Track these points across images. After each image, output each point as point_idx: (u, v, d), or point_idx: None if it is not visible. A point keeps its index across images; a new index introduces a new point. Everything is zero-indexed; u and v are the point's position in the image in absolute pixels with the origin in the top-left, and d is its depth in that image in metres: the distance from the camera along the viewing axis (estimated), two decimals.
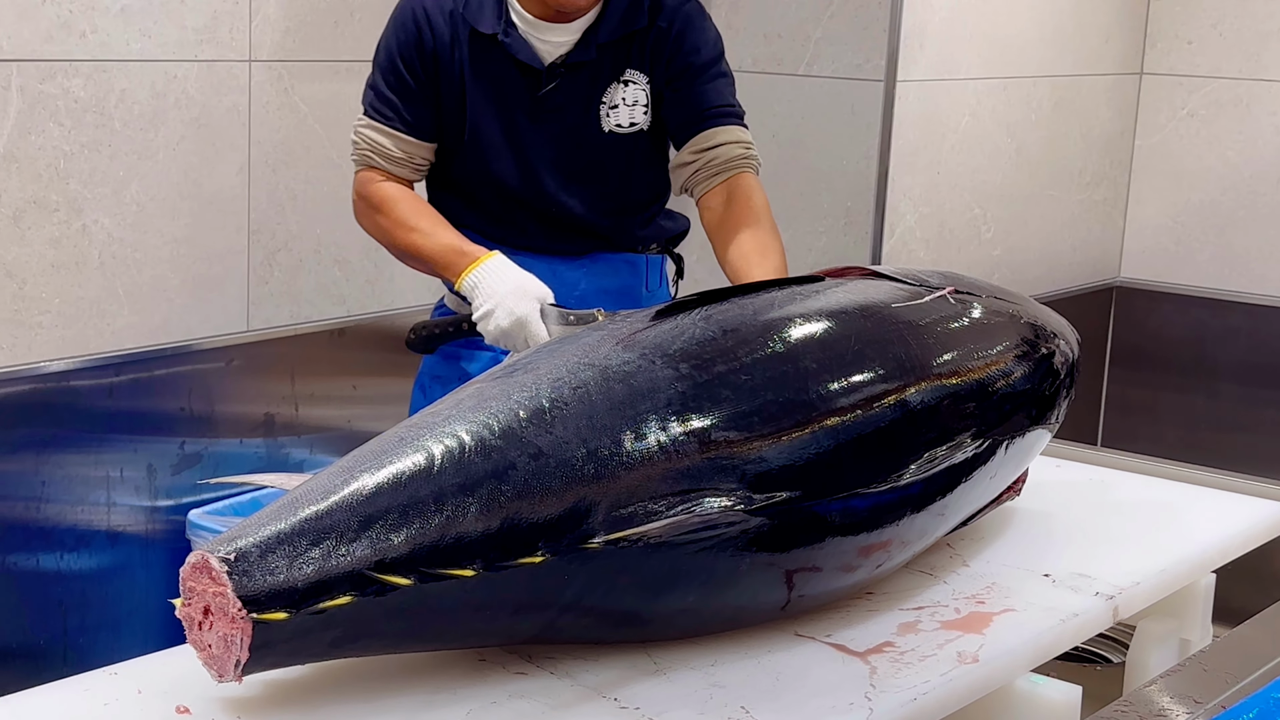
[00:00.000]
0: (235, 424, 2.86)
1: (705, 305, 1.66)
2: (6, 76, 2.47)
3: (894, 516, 1.65)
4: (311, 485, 1.42)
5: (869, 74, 3.18)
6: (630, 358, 1.54)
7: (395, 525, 1.38)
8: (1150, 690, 1.54)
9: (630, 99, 2.24)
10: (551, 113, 2.23)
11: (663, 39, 2.23)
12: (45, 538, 2.60)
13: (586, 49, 2.21)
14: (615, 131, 2.25)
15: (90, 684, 1.47)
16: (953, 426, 1.71)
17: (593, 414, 1.48)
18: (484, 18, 2.20)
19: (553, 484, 1.43)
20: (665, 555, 1.47)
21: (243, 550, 1.35)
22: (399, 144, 2.24)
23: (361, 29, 2.96)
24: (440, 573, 1.38)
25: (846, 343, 1.66)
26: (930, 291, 1.83)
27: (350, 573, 1.36)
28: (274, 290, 2.92)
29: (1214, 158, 3.91)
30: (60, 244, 2.59)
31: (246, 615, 1.32)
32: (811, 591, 1.63)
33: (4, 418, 2.55)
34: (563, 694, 1.48)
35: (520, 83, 2.22)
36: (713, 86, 2.25)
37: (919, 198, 3.33)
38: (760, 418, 1.54)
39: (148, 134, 2.68)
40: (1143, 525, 2.04)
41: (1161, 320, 4.00)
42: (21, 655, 2.57)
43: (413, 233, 2.18)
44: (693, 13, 2.27)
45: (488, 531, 1.40)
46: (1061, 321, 2.01)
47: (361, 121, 2.26)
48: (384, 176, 2.25)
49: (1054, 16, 3.65)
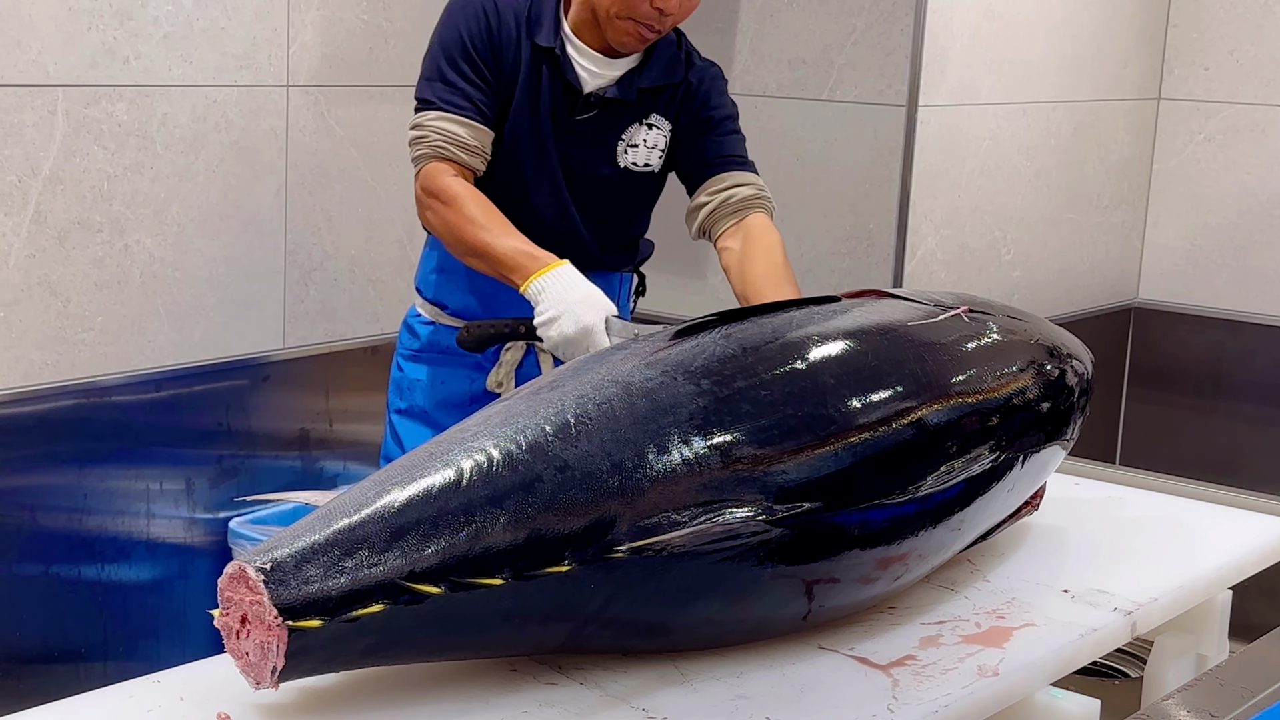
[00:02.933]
0: (271, 438, 2.89)
1: (725, 324, 1.69)
2: (53, 101, 2.51)
3: (911, 530, 1.66)
4: (345, 499, 1.44)
5: (891, 99, 3.20)
6: (653, 375, 1.57)
7: (426, 536, 1.40)
8: (1167, 704, 1.54)
9: (650, 142, 2.32)
10: (575, 135, 2.29)
11: (690, 93, 2.31)
12: (87, 548, 2.62)
13: (628, 89, 2.28)
14: (630, 169, 2.32)
15: (134, 690, 1.49)
16: (967, 441, 1.73)
17: (617, 428, 1.50)
18: (543, 30, 2.24)
19: (578, 496, 1.45)
20: (688, 565, 1.49)
21: (279, 560, 1.37)
22: (474, 133, 2.22)
23: (395, 55, 3.01)
24: (470, 582, 1.40)
25: (864, 359, 1.69)
26: (945, 311, 1.85)
27: (382, 582, 1.37)
28: (309, 308, 2.95)
29: (1231, 181, 3.92)
30: (104, 263, 2.62)
31: (282, 623, 1.34)
32: (831, 603, 1.64)
33: (48, 431, 2.58)
34: (591, 703, 1.49)
35: (559, 100, 2.27)
36: (729, 139, 2.33)
37: (940, 220, 3.34)
38: (780, 431, 1.56)
39: (188, 157, 2.71)
40: (1160, 542, 2.05)
41: (1179, 341, 4.00)
42: (64, 662, 2.59)
43: (482, 230, 2.15)
44: (718, 77, 2.37)
45: (515, 542, 1.42)
46: (1074, 340, 2.03)
47: (428, 114, 2.22)
48: (454, 169, 2.21)
49: (1073, 43, 3.66)
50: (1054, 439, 1.90)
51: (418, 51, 3.10)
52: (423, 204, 2.25)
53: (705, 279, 2.98)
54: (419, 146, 2.23)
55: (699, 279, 2.64)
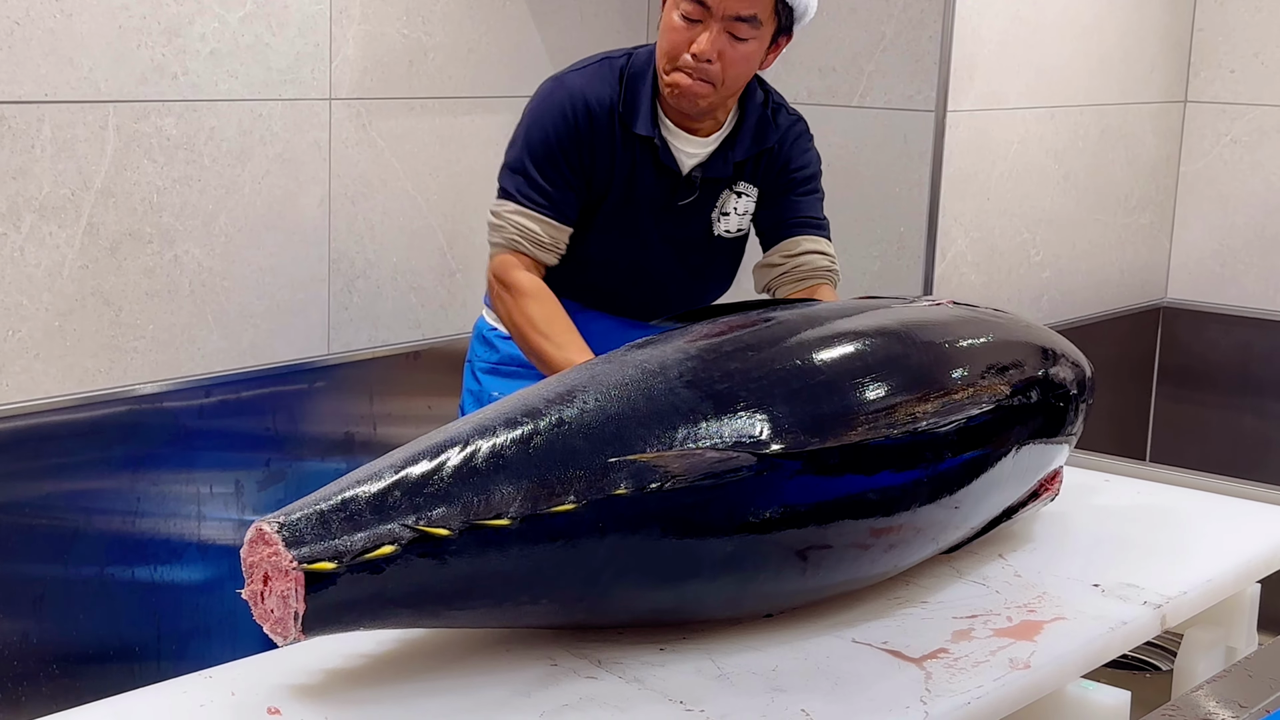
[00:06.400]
0: (317, 442, 2.90)
1: (714, 317, 1.80)
2: (104, 117, 2.54)
3: (903, 497, 1.70)
4: (357, 470, 1.52)
5: (921, 105, 3.21)
6: (645, 351, 1.68)
7: (435, 488, 1.46)
8: (1197, 695, 1.55)
9: (741, 209, 2.36)
10: (675, 215, 2.33)
11: (774, 157, 2.34)
12: (140, 550, 2.64)
13: (724, 165, 2.30)
14: (723, 236, 2.37)
15: (187, 686, 1.52)
16: (953, 412, 1.76)
17: (611, 390, 1.59)
18: (639, 119, 2.25)
19: (577, 444, 1.52)
20: (688, 508, 1.54)
21: (291, 516, 1.43)
22: (548, 229, 2.26)
23: (435, 68, 3.04)
24: (479, 523, 1.45)
25: (850, 331, 1.77)
26: (931, 303, 1.96)
27: (394, 527, 1.43)
28: (353, 315, 2.97)
29: (1258, 182, 3.92)
30: (154, 273, 2.65)
31: (298, 565, 1.39)
32: (832, 571, 1.67)
33: (101, 437, 2.60)
34: (630, 697, 1.51)
35: (659, 184, 2.30)
36: (807, 200, 2.36)
37: (970, 223, 3.36)
38: (768, 382, 1.64)
39: (235, 169, 2.74)
40: (1189, 537, 2.06)
41: (1207, 339, 4.00)
42: (118, 660, 2.61)
43: (544, 339, 2.20)
44: (801, 133, 2.37)
45: (520, 486, 1.48)
46: (1065, 341, 2.08)
47: (507, 206, 2.26)
48: (525, 261, 2.25)
49: (1100, 47, 3.66)
50: (1050, 424, 1.93)
51: (456, 64, 3.16)
52: (493, 290, 2.31)
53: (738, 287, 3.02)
54: (495, 235, 2.28)
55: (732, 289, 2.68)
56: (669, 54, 2.20)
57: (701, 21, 2.17)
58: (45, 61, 2.48)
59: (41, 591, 2.54)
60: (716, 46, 2.16)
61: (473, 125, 3.09)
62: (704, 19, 2.17)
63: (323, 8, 2.83)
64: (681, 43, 2.18)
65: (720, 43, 2.17)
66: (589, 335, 2.34)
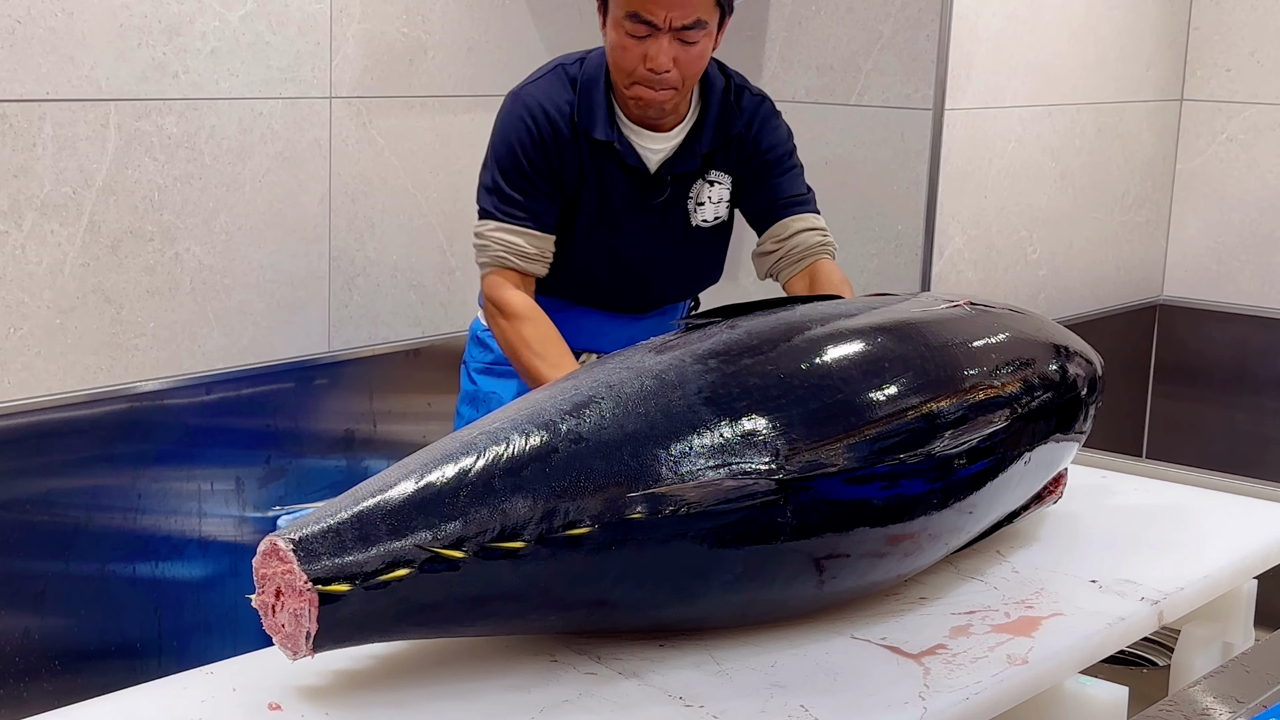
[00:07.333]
0: (317, 440, 2.90)
1: (728, 317, 1.77)
2: (105, 115, 2.55)
3: (920, 506, 1.69)
4: (372, 481, 1.50)
5: (918, 103, 3.22)
6: (662, 359, 1.65)
7: (450, 506, 1.44)
8: (1194, 690, 1.56)
9: (715, 197, 2.37)
10: (650, 213, 2.34)
11: (744, 141, 2.35)
12: (141, 546, 2.65)
13: (691, 158, 2.31)
14: (701, 226, 2.38)
15: (188, 682, 1.52)
16: (970, 419, 1.76)
17: (628, 404, 1.57)
18: (596, 123, 2.26)
19: (594, 464, 1.50)
20: (701, 529, 1.53)
21: (306, 533, 1.42)
22: (531, 240, 2.27)
23: (435, 67, 3.04)
24: (494, 546, 1.44)
25: (868, 337, 1.75)
26: (948, 303, 1.92)
27: (409, 549, 1.42)
28: (353, 313, 2.97)
29: (1253, 180, 3.93)
30: (155, 271, 2.65)
31: (312, 587, 1.38)
32: (846, 579, 1.67)
33: (103, 434, 2.61)
34: (629, 692, 1.52)
35: (627, 185, 2.31)
36: (786, 178, 2.36)
37: (967, 221, 3.36)
38: (786, 400, 1.62)
39: (235, 167, 2.74)
40: (1186, 533, 2.06)
41: (1204, 336, 4.01)
42: (119, 656, 2.62)
43: (537, 359, 2.21)
44: (769, 112, 2.37)
45: (536, 508, 1.46)
46: (1080, 339, 2.08)
47: (488, 225, 2.28)
48: (516, 277, 2.27)
49: (1096, 46, 3.67)
50: (1063, 426, 1.93)
51: (456, 63, 3.17)
52: (486, 310, 2.33)
53: (737, 280, 3.03)
54: (481, 255, 2.30)
55: (730, 280, 2.69)
56: (625, 70, 2.21)
57: (650, 35, 2.17)
58: (46, 60, 2.49)
59: (43, 588, 2.54)
60: (670, 55, 2.18)
61: (473, 123, 3.10)
62: (651, 32, 2.17)
63: (323, 6, 2.84)
64: (635, 58, 2.19)
65: (673, 50, 2.18)
66: (580, 331, 2.35)
